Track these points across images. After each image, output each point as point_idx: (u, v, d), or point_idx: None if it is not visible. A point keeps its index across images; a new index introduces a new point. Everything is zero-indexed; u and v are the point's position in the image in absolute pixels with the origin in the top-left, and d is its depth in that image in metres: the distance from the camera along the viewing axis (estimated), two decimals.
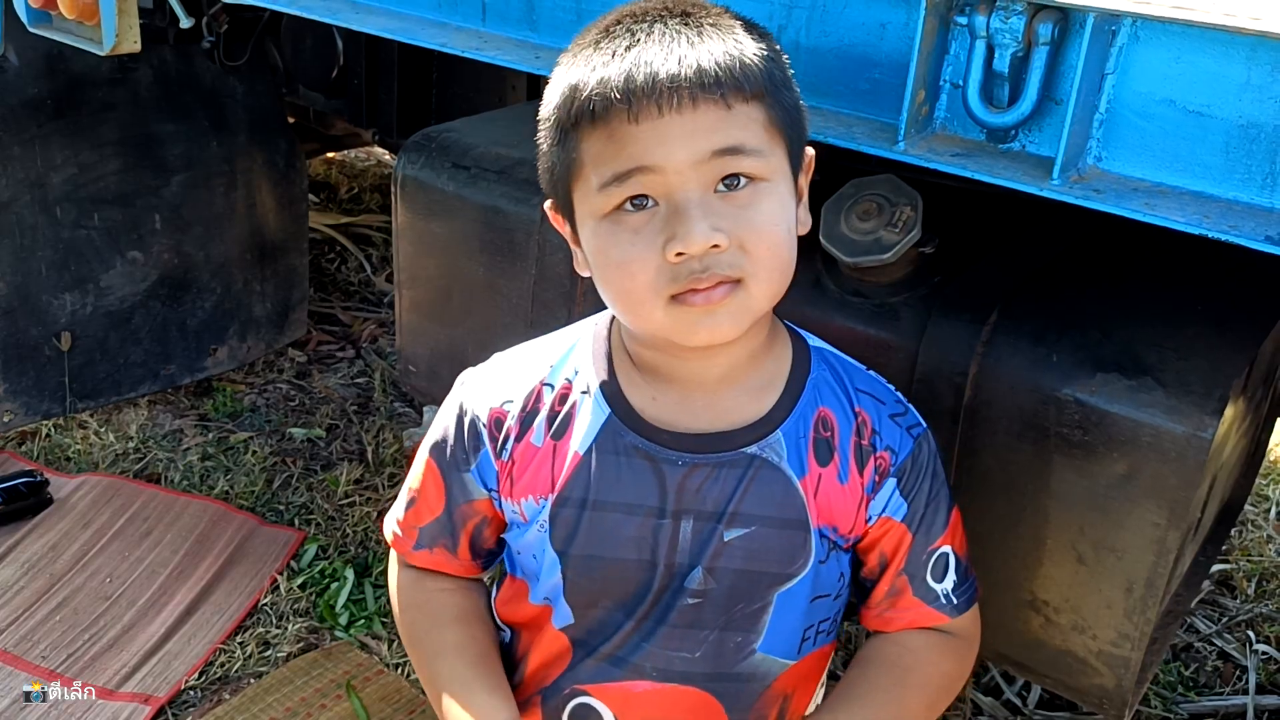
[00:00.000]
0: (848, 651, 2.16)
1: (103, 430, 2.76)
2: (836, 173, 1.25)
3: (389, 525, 1.19)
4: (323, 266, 3.62)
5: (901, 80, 1.02)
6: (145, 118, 2.49)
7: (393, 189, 1.67)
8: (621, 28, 0.94)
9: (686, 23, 0.94)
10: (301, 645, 2.17)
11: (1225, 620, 2.38)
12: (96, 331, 2.55)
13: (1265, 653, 2.28)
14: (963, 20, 0.98)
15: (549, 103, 0.99)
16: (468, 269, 1.61)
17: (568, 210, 1.01)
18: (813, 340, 1.11)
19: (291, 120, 3.04)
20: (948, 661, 1.12)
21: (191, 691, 2.06)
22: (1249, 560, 2.55)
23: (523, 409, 1.08)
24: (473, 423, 1.09)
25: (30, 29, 1.89)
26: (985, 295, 1.23)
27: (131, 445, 2.72)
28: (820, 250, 1.22)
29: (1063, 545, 1.17)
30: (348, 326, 3.35)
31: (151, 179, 2.52)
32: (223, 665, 2.11)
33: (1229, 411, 1.14)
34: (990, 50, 0.97)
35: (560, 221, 1.05)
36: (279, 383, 3.05)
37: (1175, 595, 1.42)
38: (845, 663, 2.11)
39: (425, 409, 2.91)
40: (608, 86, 0.91)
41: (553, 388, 1.08)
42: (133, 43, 1.76)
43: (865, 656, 1.13)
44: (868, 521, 1.07)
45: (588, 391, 1.06)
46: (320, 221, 3.75)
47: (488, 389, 1.10)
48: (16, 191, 2.34)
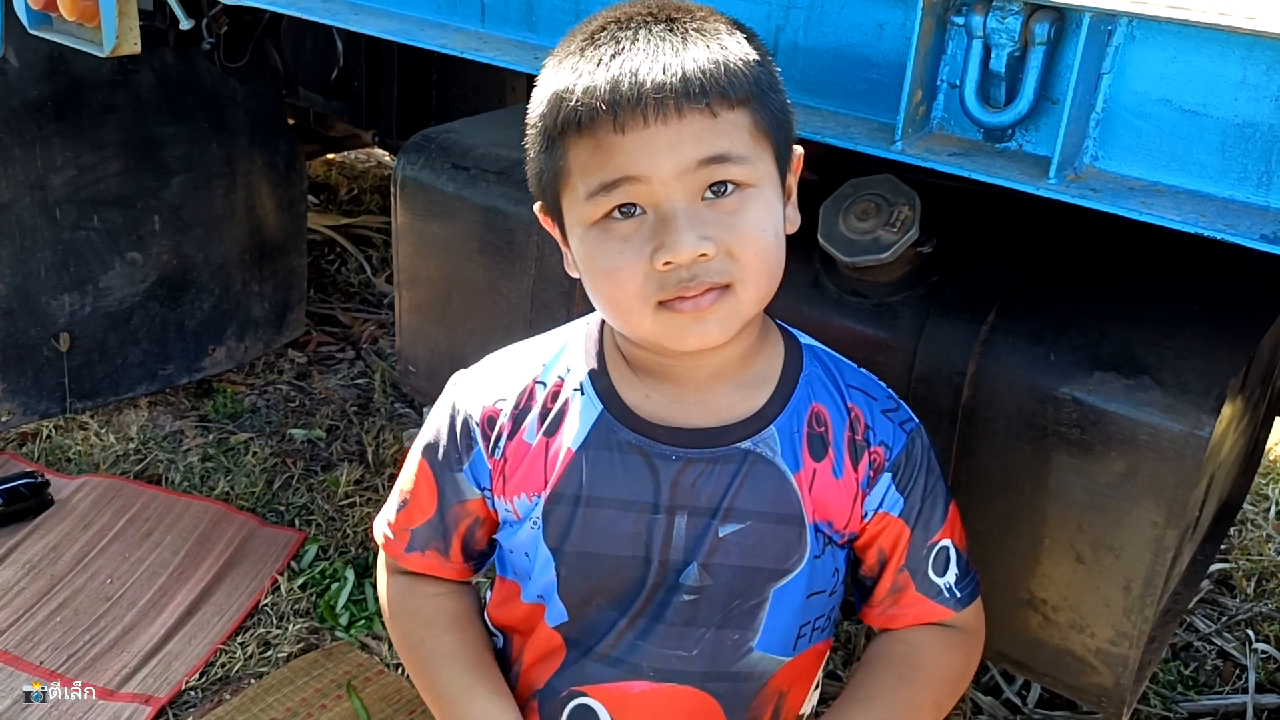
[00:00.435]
0: (846, 651, 2.16)
1: (103, 431, 2.76)
2: (835, 172, 1.25)
3: (379, 528, 1.19)
4: (323, 268, 3.62)
5: (899, 80, 1.02)
6: (145, 119, 2.49)
7: (392, 190, 1.68)
8: (606, 34, 0.94)
9: (672, 28, 0.93)
10: (302, 646, 2.17)
11: (1225, 619, 2.38)
12: (95, 332, 2.55)
13: (1265, 652, 2.28)
14: (959, 20, 0.98)
15: (535, 109, 1.00)
16: (467, 270, 1.62)
17: (557, 214, 1.01)
18: (803, 338, 1.11)
19: (291, 122, 3.05)
20: (954, 657, 1.12)
21: (192, 692, 2.06)
22: (1248, 559, 2.55)
23: (515, 407, 1.08)
24: (465, 422, 1.10)
25: (31, 31, 1.89)
26: (983, 295, 1.24)
27: (132, 446, 2.72)
28: (819, 250, 1.22)
29: (1061, 544, 1.18)
30: (348, 327, 3.35)
31: (151, 180, 2.53)
32: (223, 666, 2.11)
33: (1226, 410, 1.14)
34: (987, 50, 0.97)
35: (550, 224, 1.05)
36: (279, 384, 3.05)
37: (1174, 594, 1.42)
38: (845, 663, 2.12)
39: (425, 410, 2.91)
40: (593, 96, 0.91)
41: (545, 386, 1.08)
42: (133, 44, 1.77)
43: (872, 656, 1.13)
44: (864, 518, 1.08)
45: (580, 389, 1.07)
46: (320, 223, 3.76)
47: (480, 388, 1.11)
48: (17, 193, 2.35)
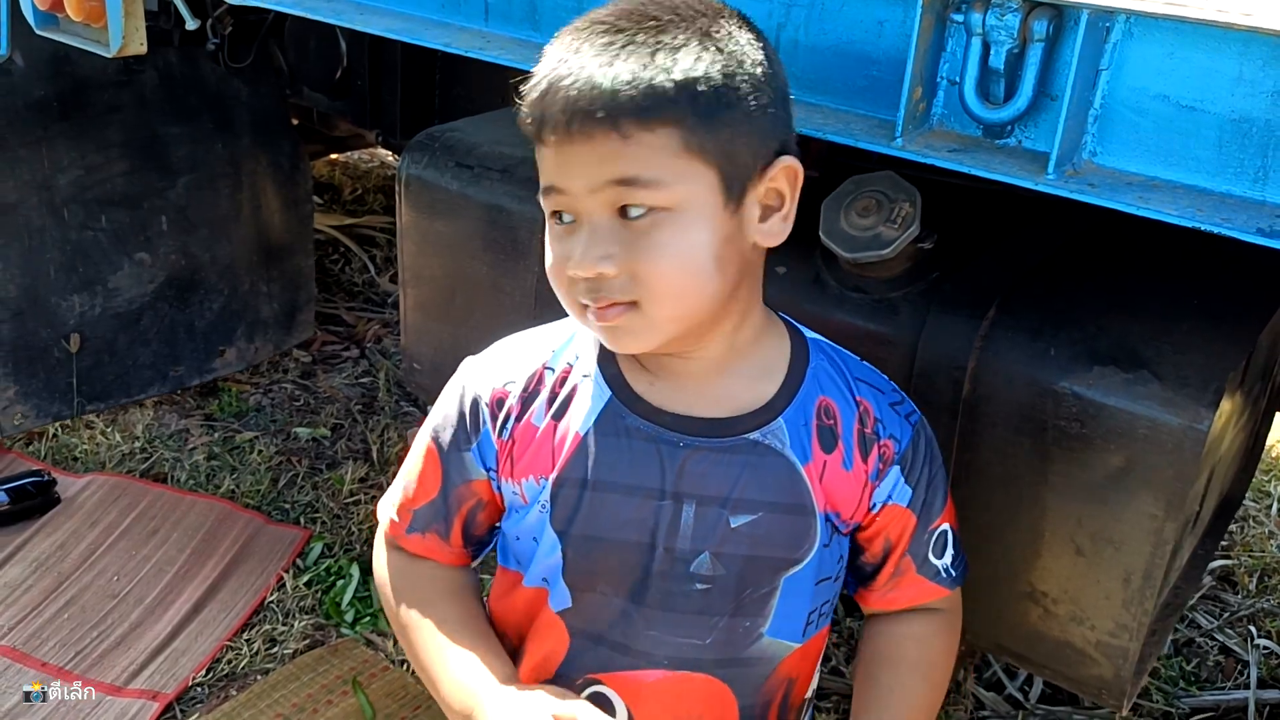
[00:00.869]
0: (849, 647, 2.17)
1: (109, 430, 2.77)
2: (836, 169, 1.26)
3: (383, 509, 1.20)
4: (327, 267, 3.63)
5: (899, 77, 1.03)
6: (151, 120, 2.50)
7: (397, 188, 1.69)
8: (575, 35, 0.94)
9: (628, 37, 0.91)
10: (307, 642, 2.18)
11: (1227, 615, 2.39)
12: (105, 333, 2.56)
13: (1266, 647, 2.29)
14: (959, 18, 0.99)
15: None
16: (471, 267, 1.63)
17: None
18: (808, 332, 1.12)
19: (295, 122, 3.06)
20: (951, 639, 1.17)
21: (199, 688, 2.07)
22: (1250, 556, 2.56)
23: (524, 390, 1.09)
24: (474, 402, 1.11)
25: (37, 31, 1.90)
26: (984, 290, 1.25)
27: (138, 445, 2.73)
28: (820, 246, 1.23)
29: (1061, 537, 1.19)
30: (352, 327, 3.36)
31: (158, 181, 2.54)
32: (230, 662, 2.12)
33: (1225, 404, 1.15)
34: (986, 47, 0.98)
35: None
36: (284, 383, 3.07)
37: (1174, 588, 1.43)
38: (847, 654, 2.13)
39: (429, 408, 2.92)
40: (530, 104, 0.94)
41: (553, 371, 1.09)
42: (139, 44, 1.78)
43: (880, 655, 1.16)
44: (871, 509, 1.09)
45: (589, 375, 1.08)
46: (324, 223, 3.77)
47: (490, 371, 1.12)
48: (24, 194, 2.36)
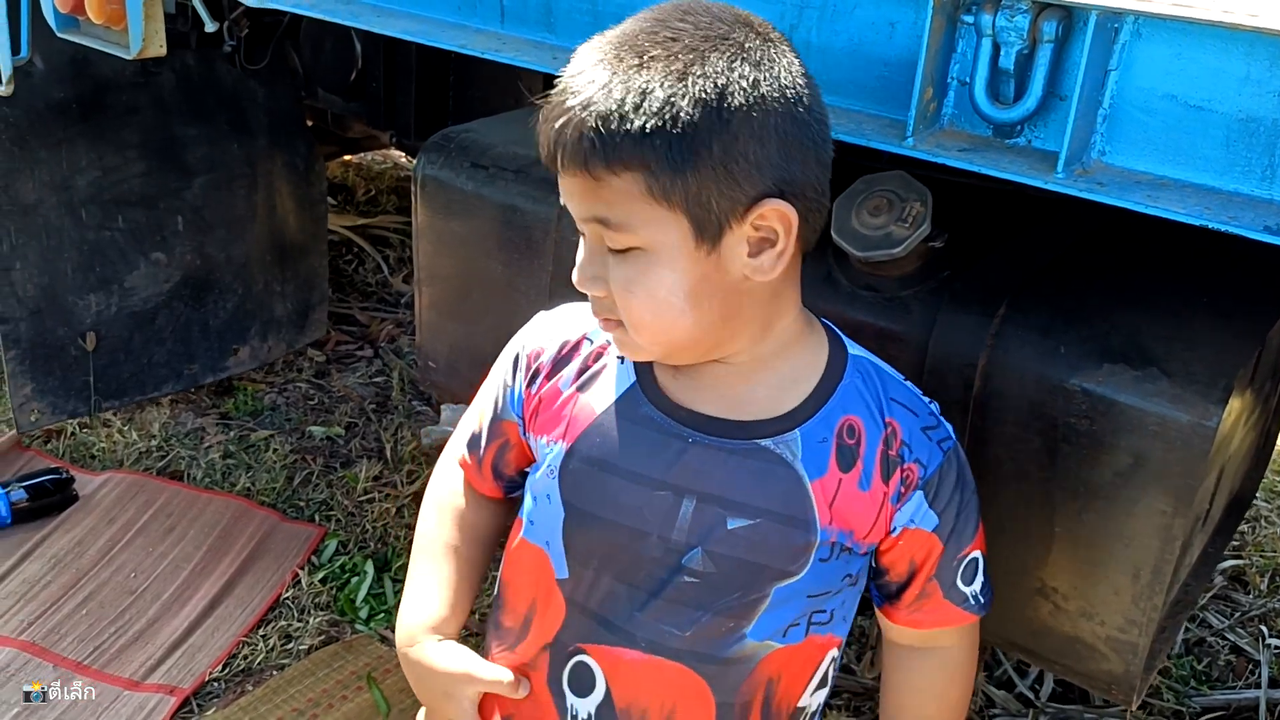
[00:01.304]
0: (856, 642, 2.18)
1: (126, 429, 2.80)
2: (847, 169, 1.27)
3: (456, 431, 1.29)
4: (340, 268, 3.66)
5: (910, 78, 1.04)
6: (168, 121, 2.53)
7: (413, 188, 1.70)
8: (589, 49, 0.95)
9: (621, 61, 0.90)
10: (323, 638, 2.20)
11: (1238, 615, 2.39)
12: (121, 332, 2.59)
13: (1277, 647, 2.29)
14: (969, 19, 1.01)
15: None
16: (486, 266, 1.64)
17: None
18: (854, 349, 1.11)
19: (310, 123, 3.08)
20: (973, 656, 1.20)
21: (215, 683, 2.09)
22: (1262, 556, 2.56)
23: (558, 352, 1.14)
24: (518, 354, 1.18)
25: (58, 34, 1.93)
26: (994, 289, 1.26)
27: (154, 443, 2.76)
28: (831, 245, 1.25)
29: (1071, 533, 1.19)
30: (366, 326, 3.38)
31: (174, 181, 2.56)
32: (246, 658, 2.15)
33: (1235, 401, 1.16)
34: (996, 48, 0.99)
35: None
36: (299, 382, 3.09)
37: (1184, 585, 1.43)
38: (857, 651, 2.13)
39: (443, 407, 2.94)
40: (538, 127, 0.97)
41: (592, 342, 1.13)
42: (159, 47, 1.80)
43: (910, 684, 1.19)
44: (891, 532, 1.08)
45: (621, 358, 1.10)
46: (338, 223, 3.79)
47: (541, 329, 1.18)
48: (43, 194, 2.39)
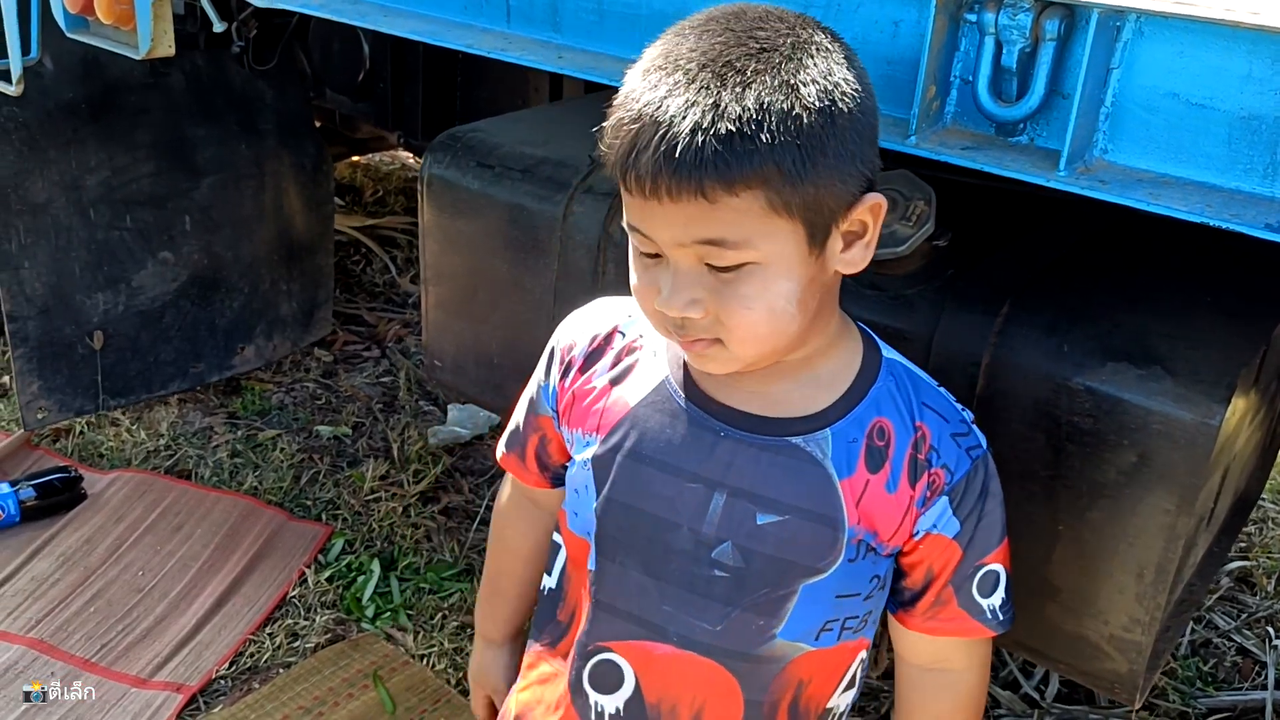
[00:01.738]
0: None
1: (135, 428, 2.81)
2: None
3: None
4: (348, 268, 3.67)
5: (913, 76, 1.04)
6: (177, 121, 2.54)
7: (419, 188, 1.71)
8: (665, 70, 0.91)
9: (722, 77, 0.88)
10: (329, 636, 2.21)
11: (1244, 616, 2.39)
12: (128, 330, 2.60)
13: None
14: (972, 17, 1.01)
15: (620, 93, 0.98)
16: (492, 266, 1.65)
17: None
18: (888, 352, 1.11)
19: (318, 124, 3.09)
20: (982, 681, 1.19)
21: (222, 681, 2.10)
22: (1269, 557, 2.56)
23: (590, 344, 1.15)
24: (554, 349, 1.19)
25: (68, 34, 1.94)
26: (998, 287, 1.26)
27: (163, 442, 2.77)
28: None
29: (1075, 531, 1.20)
30: (373, 327, 3.40)
31: (183, 181, 2.57)
32: (252, 655, 2.16)
33: (1239, 400, 1.16)
34: (999, 46, 0.99)
35: None
36: (306, 382, 3.10)
37: (1189, 585, 1.43)
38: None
39: (450, 407, 2.95)
40: (614, 151, 0.93)
41: (625, 336, 1.14)
42: (167, 47, 1.81)
43: (920, 707, 1.18)
44: (914, 535, 1.08)
45: (655, 352, 1.11)
46: (346, 224, 3.81)
47: (575, 325, 1.19)
48: (53, 194, 2.40)
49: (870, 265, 1.26)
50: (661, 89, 0.89)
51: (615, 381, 1.12)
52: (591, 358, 1.14)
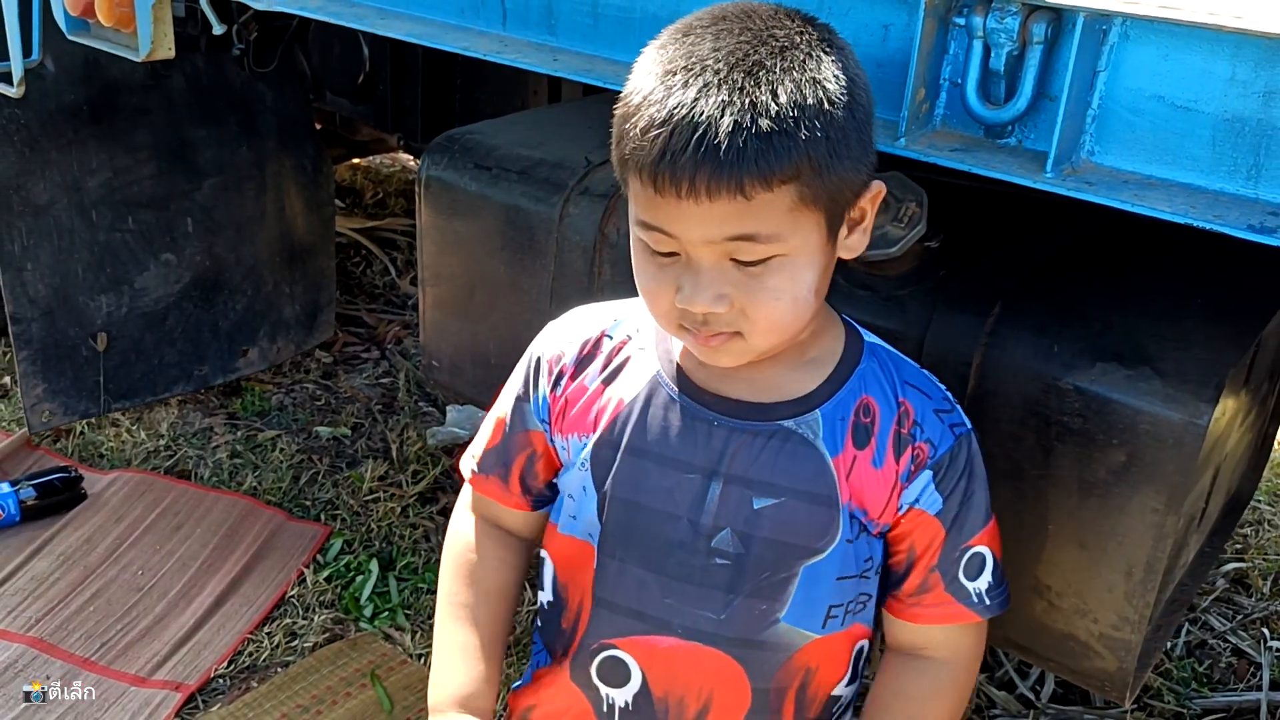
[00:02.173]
0: None
1: (135, 428, 2.82)
2: None
3: (466, 462, 1.27)
4: (348, 270, 3.68)
5: (903, 79, 1.05)
6: (178, 123, 2.55)
7: (417, 189, 1.72)
8: (691, 72, 0.91)
9: (755, 78, 0.90)
10: (327, 636, 2.22)
11: (1240, 618, 2.39)
12: (132, 332, 2.61)
13: (1279, 649, 2.29)
14: (960, 21, 1.02)
15: (624, 94, 0.99)
16: (489, 266, 1.66)
17: (622, 180, 1.03)
18: (868, 336, 1.13)
19: (318, 126, 3.10)
20: (966, 677, 1.17)
21: (221, 679, 2.11)
22: (1264, 559, 2.56)
23: (580, 351, 1.16)
24: (538, 361, 1.19)
25: (69, 37, 1.95)
26: (989, 288, 1.27)
27: (163, 443, 2.78)
28: None
29: (1064, 530, 1.21)
30: (373, 328, 3.41)
31: (184, 183, 2.58)
32: (251, 655, 2.16)
33: (1227, 401, 1.17)
34: (987, 49, 1.01)
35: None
36: (306, 383, 3.11)
37: (1180, 584, 1.44)
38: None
39: (449, 408, 2.96)
40: (641, 153, 0.93)
41: (612, 339, 1.15)
42: (167, 49, 1.82)
43: (894, 689, 1.15)
44: (899, 510, 1.09)
45: (644, 349, 1.13)
46: (346, 226, 3.82)
47: (556, 334, 1.19)
48: (54, 195, 2.41)
49: (863, 266, 1.29)
50: (691, 90, 0.90)
51: (608, 381, 1.13)
52: (582, 363, 1.15)
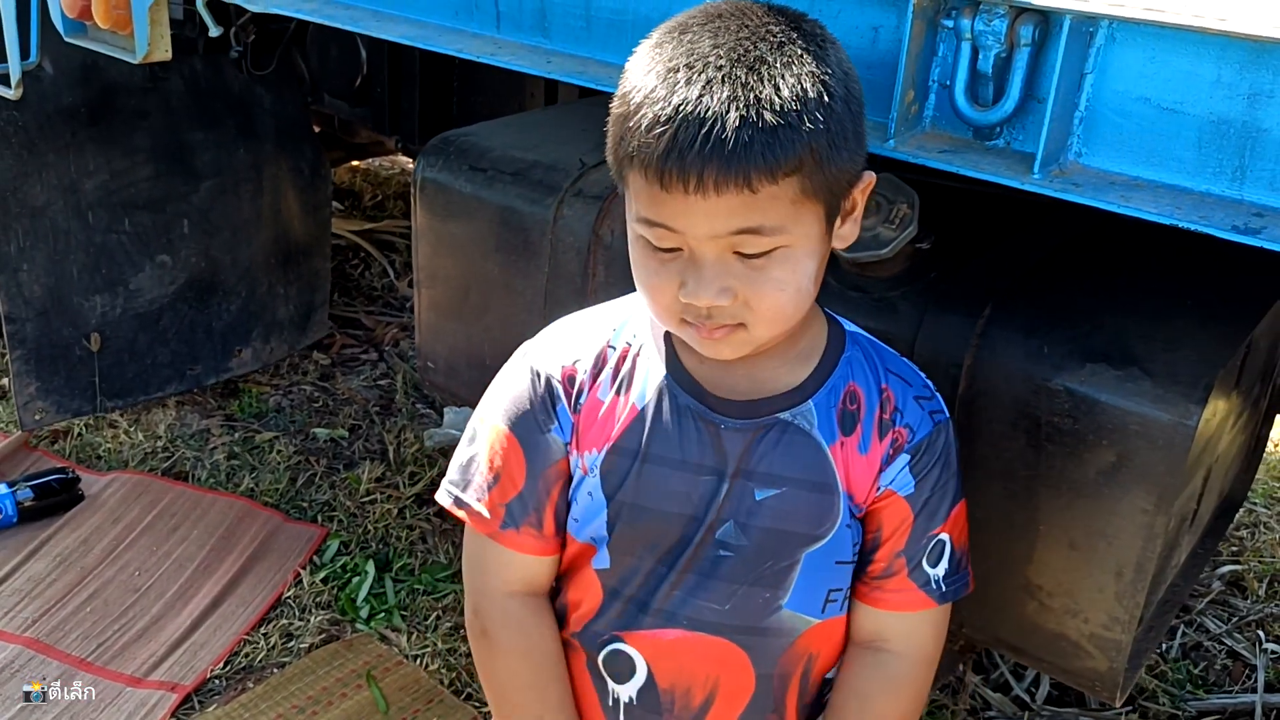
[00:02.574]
0: None
1: (132, 430, 2.83)
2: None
3: (456, 499, 1.20)
4: (347, 272, 3.69)
5: (892, 81, 1.06)
6: (176, 125, 2.56)
7: (413, 191, 1.73)
8: (694, 69, 0.92)
9: (757, 74, 0.91)
10: (323, 637, 2.22)
11: (1235, 620, 2.40)
12: (126, 333, 2.61)
13: (1275, 652, 2.30)
14: (949, 23, 1.02)
15: (620, 92, 1.00)
16: (484, 268, 1.67)
17: (619, 177, 1.04)
18: (848, 325, 1.16)
19: (317, 129, 3.11)
20: (923, 675, 1.18)
21: (217, 680, 2.11)
22: (1260, 561, 2.57)
23: (594, 365, 1.14)
24: (547, 382, 1.14)
25: (66, 39, 1.96)
26: (980, 290, 1.27)
27: (160, 444, 2.79)
28: None
29: (1055, 531, 1.21)
30: (370, 330, 3.41)
31: (181, 185, 2.59)
32: (247, 655, 2.17)
33: (1217, 401, 1.17)
34: (975, 52, 1.01)
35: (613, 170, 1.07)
36: (303, 384, 3.12)
37: (1172, 585, 1.44)
38: None
39: (446, 410, 2.96)
40: (647, 150, 0.93)
41: (615, 350, 1.15)
42: (164, 52, 1.83)
43: (852, 687, 1.16)
44: (877, 492, 1.11)
45: (649, 355, 1.13)
46: (344, 228, 3.82)
47: (555, 350, 1.16)
48: (51, 197, 2.42)
49: (854, 267, 1.29)
50: (695, 87, 0.92)
51: (619, 391, 1.13)
52: (595, 376, 1.15)
